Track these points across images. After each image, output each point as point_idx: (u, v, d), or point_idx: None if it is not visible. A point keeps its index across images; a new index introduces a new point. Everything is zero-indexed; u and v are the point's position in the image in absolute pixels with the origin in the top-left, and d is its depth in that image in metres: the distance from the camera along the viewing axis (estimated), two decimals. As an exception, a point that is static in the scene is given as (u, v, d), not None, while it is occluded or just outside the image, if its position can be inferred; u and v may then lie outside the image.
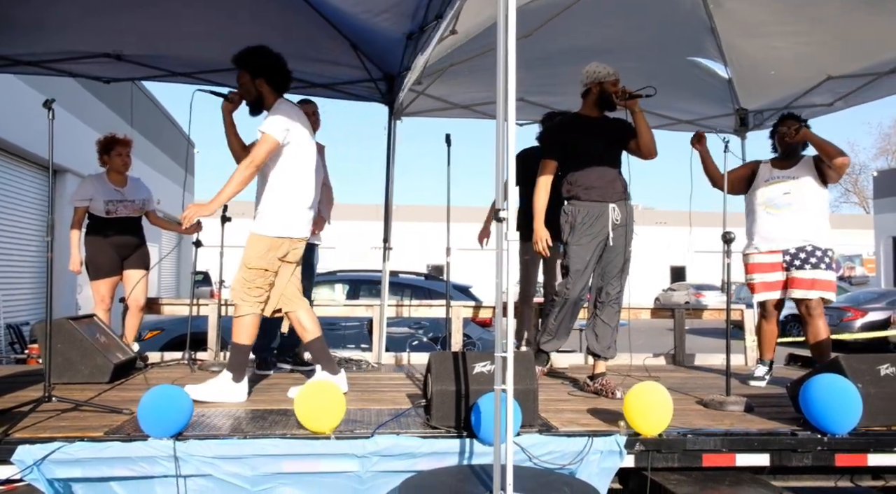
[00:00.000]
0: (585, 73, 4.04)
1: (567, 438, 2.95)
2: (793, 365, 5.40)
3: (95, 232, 4.80)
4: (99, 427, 2.89)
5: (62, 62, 5.13)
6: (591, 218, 3.92)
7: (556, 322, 4.05)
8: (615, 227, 3.93)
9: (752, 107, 6.04)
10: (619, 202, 3.95)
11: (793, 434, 3.04)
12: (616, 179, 3.97)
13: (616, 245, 3.95)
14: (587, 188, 3.92)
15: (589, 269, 3.94)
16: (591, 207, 3.92)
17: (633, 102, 3.85)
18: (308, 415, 2.86)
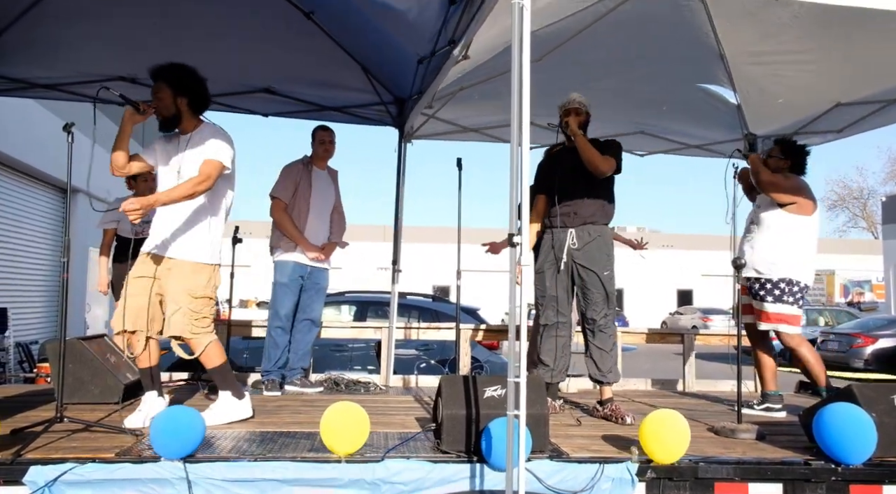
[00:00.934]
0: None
1: (578, 464, 2.93)
2: (803, 393, 5.36)
3: (123, 253, 4.90)
4: (110, 448, 2.89)
5: (78, 85, 5.22)
6: (546, 245, 4.07)
7: (543, 351, 4.08)
8: (574, 251, 4.00)
9: (762, 133, 6.07)
10: (581, 226, 4.02)
11: (806, 463, 3.01)
12: (581, 205, 4.02)
13: (583, 270, 4.00)
14: (552, 216, 4.07)
15: (557, 296, 4.02)
16: (551, 233, 4.07)
17: (570, 129, 4.03)
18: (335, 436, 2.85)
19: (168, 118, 3.60)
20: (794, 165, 4.43)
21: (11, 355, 8.21)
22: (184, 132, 3.65)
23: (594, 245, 4.01)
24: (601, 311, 3.99)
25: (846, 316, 17.50)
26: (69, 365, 3.95)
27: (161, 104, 3.57)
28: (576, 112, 4.06)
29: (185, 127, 3.64)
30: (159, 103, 3.58)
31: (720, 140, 6.33)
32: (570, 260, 4.00)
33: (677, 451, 2.92)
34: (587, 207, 4.03)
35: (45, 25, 4.51)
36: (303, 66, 5.05)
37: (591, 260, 3.99)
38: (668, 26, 4.76)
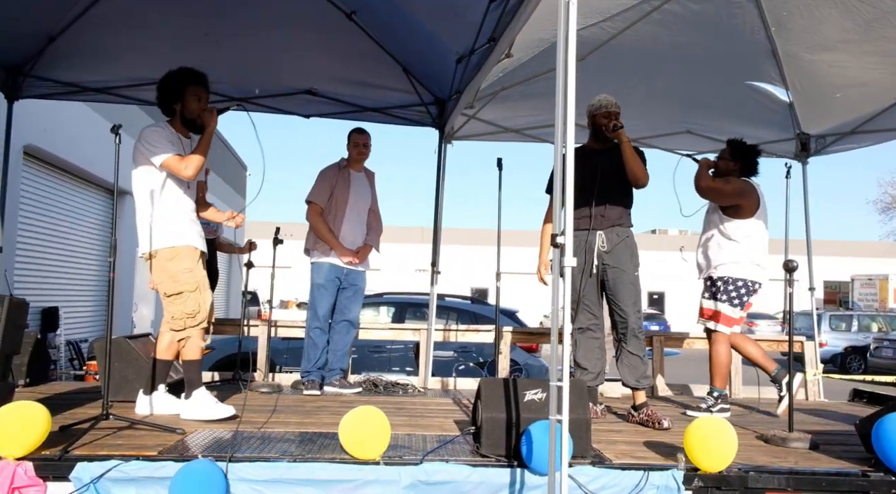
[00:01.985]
0: (588, 105, 4.10)
1: (621, 471, 2.86)
2: (858, 401, 5.14)
3: None
4: (153, 446, 2.92)
5: (126, 89, 5.33)
6: (579, 246, 3.94)
7: (581, 355, 3.98)
8: (602, 254, 3.93)
9: (815, 132, 5.86)
10: (610, 229, 3.95)
11: (864, 474, 2.87)
12: (611, 207, 3.97)
13: (614, 272, 3.93)
14: (579, 218, 3.95)
15: (587, 299, 3.95)
16: (579, 236, 3.92)
17: (619, 133, 3.90)
18: (353, 441, 2.83)
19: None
20: (744, 167, 4.39)
21: (62, 353, 8.46)
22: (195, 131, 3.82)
23: (622, 247, 3.97)
24: (632, 314, 3.94)
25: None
26: (115, 363, 4.03)
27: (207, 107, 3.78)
28: (616, 116, 3.99)
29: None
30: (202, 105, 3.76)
31: (771, 140, 6.13)
32: (599, 263, 3.95)
33: (724, 460, 2.81)
34: (615, 210, 3.99)
35: (95, 31, 4.63)
36: (344, 66, 5.07)
37: (620, 262, 3.95)
38: (715, 23, 4.63)
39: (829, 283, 31.14)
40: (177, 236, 3.65)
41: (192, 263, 3.65)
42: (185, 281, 3.61)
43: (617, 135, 3.91)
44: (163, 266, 3.62)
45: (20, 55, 4.88)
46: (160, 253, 3.63)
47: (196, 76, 3.77)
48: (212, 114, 3.73)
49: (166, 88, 3.75)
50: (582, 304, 3.97)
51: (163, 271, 3.63)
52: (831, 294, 31.55)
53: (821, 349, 16.40)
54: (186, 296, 3.61)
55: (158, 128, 3.71)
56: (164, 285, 3.64)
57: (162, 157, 3.59)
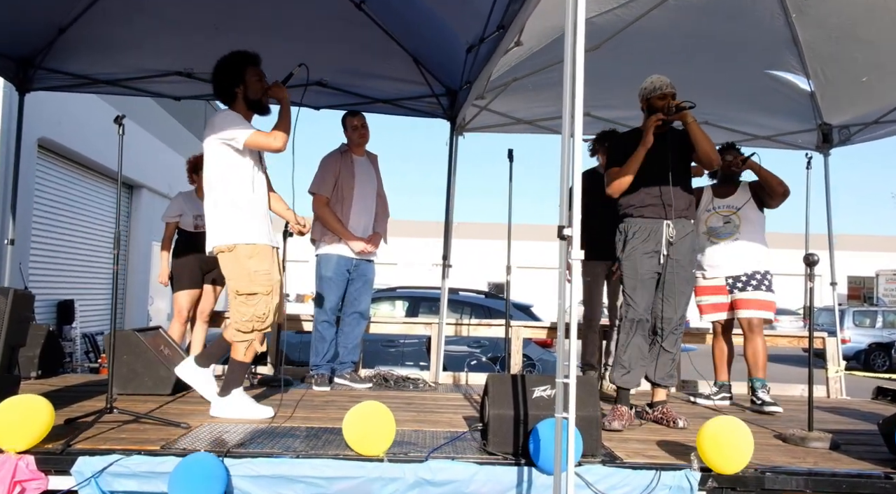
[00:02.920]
0: (640, 88, 3.91)
1: (632, 470, 2.77)
2: (882, 399, 4.99)
3: (183, 246, 5.00)
4: (157, 440, 2.89)
5: (137, 81, 5.32)
6: (643, 233, 3.72)
7: (624, 350, 3.68)
8: (670, 245, 3.70)
9: (837, 122, 5.70)
10: (678, 219, 3.73)
11: (887, 476, 2.76)
12: (676, 196, 3.72)
13: (674, 265, 3.71)
14: (641, 205, 3.75)
15: (646, 286, 3.70)
16: (643, 223, 3.73)
17: (684, 115, 3.67)
18: (357, 437, 2.77)
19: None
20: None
21: (78, 345, 8.54)
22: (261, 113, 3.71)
23: (687, 239, 3.77)
24: (679, 312, 3.75)
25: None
26: (124, 356, 4.02)
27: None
28: (673, 96, 3.75)
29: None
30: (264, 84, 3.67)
31: (791, 130, 5.98)
32: (665, 254, 3.72)
33: (739, 462, 2.71)
34: (682, 199, 3.77)
35: (105, 22, 4.62)
36: (354, 57, 5.01)
37: (681, 256, 3.74)
38: (733, 10, 4.51)
39: (854, 279, 30.56)
40: (257, 233, 3.48)
41: (270, 264, 3.49)
42: (262, 282, 3.44)
43: (681, 116, 3.67)
44: (241, 263, 3.43)
45: (30, 47, 4.89)
46: (240, 249, 3.44)
47: (253, 57, 3.64)
48: (280, 87, 3.62)
49: (224, 73, 3.60)
50: (639, 293, 3.69)
51: (240, 268, 3.44)
52: (855, 289, 30.97)
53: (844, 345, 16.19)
54: (259, 299, 3.43)
55: (228, 111, 3.56)
56: (239, 283, 3.45)
57: (245, 135, 3.40)
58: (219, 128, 3.45)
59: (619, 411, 3.60)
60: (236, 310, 3.48)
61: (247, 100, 3.60)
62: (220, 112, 3.59)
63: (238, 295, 3.46)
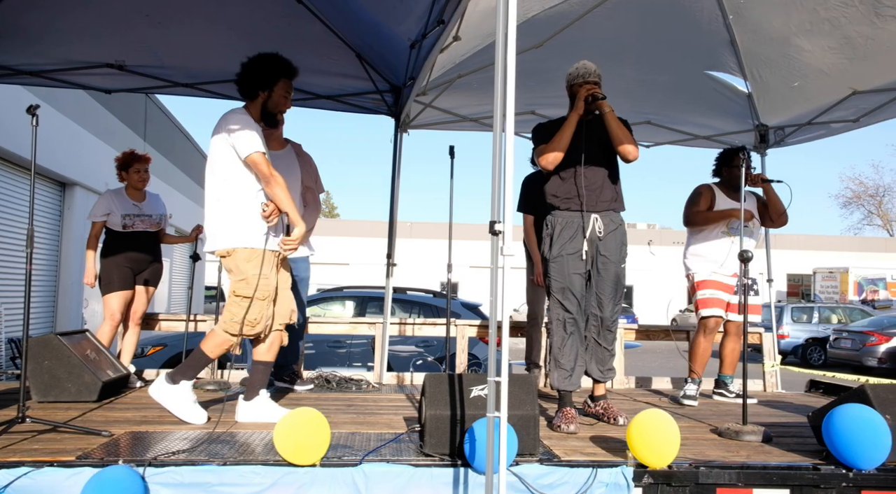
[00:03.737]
0: (567, 73, 3.79)
1: (569, 468, 2.76)
2: (814, 392, 5.14)
3: (111, 246, 4.76)
4: (73, 450, 2.73)
5: (64, 72, 5.07)
6: (570, 229, 3.61)
7: (562, 353, 3.57)
8: (598, 240, 3.61)
9: (773, 123, 5.83)
10: (605, 212, 3.64)
11: (815, 468, 2.81)
12: (603, 187, 3.63)
13: (603, 260, 3.62)
14: (567, 197, 3.63)
15: (576, 286, 3.58)
16: (571, 217, 3.62)
17: (600, 104, 3.59)
18: (289, 447, 2.64)
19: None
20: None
21: (3, 351, 8.11)
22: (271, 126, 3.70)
23: (617, 234, 3.67)
24: (613, 308, 3.68)
25: (860, 314, 17.17)
26: (45, 362, 3.82)
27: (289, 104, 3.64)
28: (596, 85, 3.66)
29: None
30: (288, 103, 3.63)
31: (730, 131, 6.10)
32: (592, 250, 3.62)
33: (667, 455, 2.72)
34: (609, 191, 3.64)
35: (32, 11, 4.37)
36: (295, 52, 4.80)
37: (612, 252, 3.64)
38: (674, 11, 4.55)
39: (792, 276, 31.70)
40: (257, 237, 3.39)
41: (268, 270, 3.40)
42: (258, 287, 3.34)
43: (598, 106, 3.58)
44: (239, 265, 3.36)
45: (-54, 37, 4.60)
46: (238, 253, 3.37)
47: (291, 71, 3.58)
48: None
49: (257, 71, 3.50)
50: (569, 293, 3.58)
51: (238, 270, 3.37)
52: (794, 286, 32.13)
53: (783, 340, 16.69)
54: (253, 303, 3.34)
55: (242, 115, 3.44)
56: (236, 284, 3.38)
57: (249, 150, 3.31)
58: (229, 129, 3.36)
59: (568, 414, 3.53)
60: (228, 309, 3.39)
61: (264, 108, 3.53)
62: (234, 111, 3.47)
63: (234, 296, 3.38)
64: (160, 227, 4.90)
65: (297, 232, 3.40)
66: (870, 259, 31.54)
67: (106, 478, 2.33)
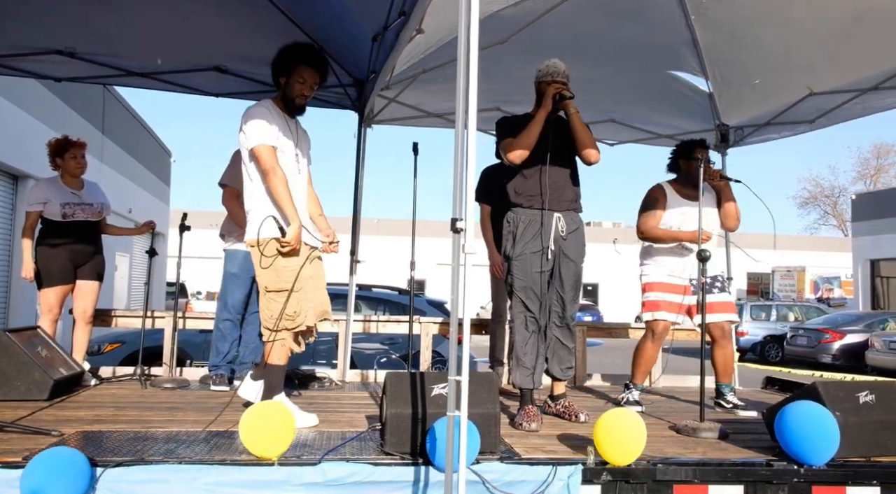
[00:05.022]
0: (536, 70, 3.79)
1: (530, 466, 2.76)
2: (770, 389, 5.25)
3: (49, 237, 4.54)
4: (20, 450, 2.64)
5: (10, 58, 4.87)
6: (533, 228, 3.61)
7: (524, 352, 3.57)
8: (561, 240, 3.63)
9: (733, 123, 5.94)
10: (567, 212, 3.67)
11: (768, 464, 2.86)
12: (565, 187, 3.66)
13: (564, 260, 3.65)
14: (530, 195, 3.64)
15: (537, 285, 3.59)
16: (533, 215, 3.62)
17: (566, 104, 3.61)
18: (254, 439, 2.62)
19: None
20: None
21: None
22: (293, 115, 3.60)
23: (577, 234, 3.71)
24: (571, 306, 3.71)
25: (816, 312, 17.67)
26: (-7, 358, 3.68)
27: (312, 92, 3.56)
28: (563, 85, 3.65)
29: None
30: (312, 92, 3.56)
31: (692, 130, 6.18)
32: (555, 248, 3.63)
33: (632, 452, 2.75)
34: (570, 192, 3.69)
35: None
36: (254, 43, 4.76)
37: (573, 251, 3.67)
38: (636, 10, 4.59)
39: (752, 275, 32.48)
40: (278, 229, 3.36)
41: (299, 261, 3.36)
42: (290, 279, 3.29)
43: (564, 106, 3.59)
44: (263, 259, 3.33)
45: None
46: (268, 245, 3.31)
47: (308, 57, 3.51)
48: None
49: (277, 59, 3.51)
50: (530, 291, 3.59)
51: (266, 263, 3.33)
52: (754, 285, 32.92)
53: (742, 338, 17.02)
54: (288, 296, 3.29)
55: (261, 106, 3.42)
56: (267, 279, 3.32)
57: (256, 142, 3.30)
58: (243, 120, 3.38)
59: (530, 412, 3.53)
60: (265, 308, 3.37)
61: (284, 95, 3.51)
62: (256, 104, 3.46)
63: (267, 292, 3.34)
64: (101, 216, 4.74)
65: (290, 231, 3.29)
66: (826, 258, 32.52)
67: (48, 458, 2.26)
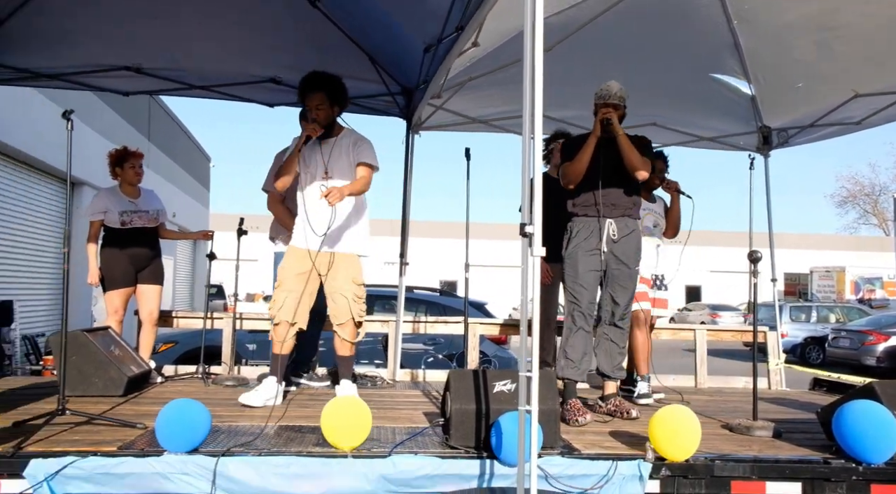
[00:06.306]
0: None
1: (590, 461, 2.86)
2: (818, 390, 5.26)
3: (111, 244, 4.79)
4: (112, 441, 2.83)
5: (82, 75, 5.14)
6: (585, 232, 3.92)
7: (569, 344, 3.83)
8: (612, 243, 3.88)
9: (776, 125, 5.96)
10: (620, 218, 3.92)
11: (826, 462, 2.92)
12: (619, 197, 3.94)
13: (616, 262, 3.89)
14: (586, 205, 3.95)
15: (587, 283, 3.86)
16: (586, 222, 3.93)
17: (613, 128, 3.86)
18: (334, 430, 2.78)
19: (327, 127, 3.89)
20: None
21: (18, 347, 8.20)
22: (328, 137, 3.93)
23: (630, 238, 3.94)
24: (623, 307, 3.92)
25: (857, 314, 17.34)
26: (73, 357, 3.90)
27: (323, 115, 3.87)
28: (615, 107, 3.93)
29: (331, 133, 3.96)
30: (321, 114, 3.86)
31: (734, 132, 6.21)
32: (607, 251, 3.89)
33: (689, 448, 2.83)
34: (625, 200, 3.96)
35: (48, 14, 4.45)
36: (308, 55, 4.96)
37: (625, 254, 3.91)
38: (679, 15, 4.66)
39: (790, 275, 31.91)
40: (294, 237, 4.01)
41: (287, 261, 3.94)
42: (279, 276, 3.93)
43: (611, 130, 3.85)
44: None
45: (-32, 40, 4.68)
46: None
47: (305, 86, 3.89)
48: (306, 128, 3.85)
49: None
50: (581, 290, 3.84)
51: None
52: (791, 285, 32.33)
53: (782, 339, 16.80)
54: (276, 291, 3.90)
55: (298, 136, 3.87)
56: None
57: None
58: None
59: (576, 405, 3.68)
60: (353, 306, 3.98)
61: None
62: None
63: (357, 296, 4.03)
64: (158, 222, 4.96)
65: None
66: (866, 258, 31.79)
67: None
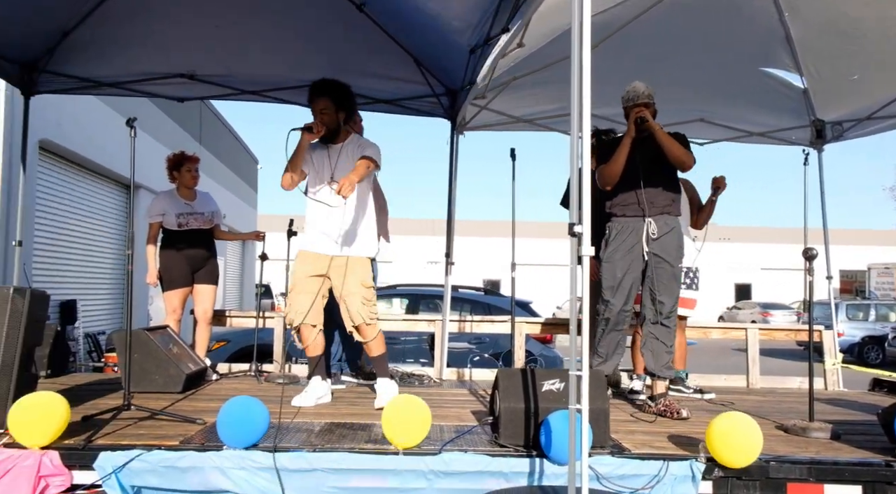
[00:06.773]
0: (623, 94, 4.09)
1: (640, 461, 2.85)
2: (878, 391, 5.10)
3: (169, 245, 4.98)
4: (175, 436, 2.95)
5: (140, 83, 5.35)
6: (625, 233, 3.93)
7: (600, 343, 3.96)
8: (651, 241, 3.88)
9: (830, 118, 5.79)
10: (659, 216, 3.92)
11: (888, 464, 2.84)
12: (659, 194, 3.93)
13: (657, 260, 3.89)
14: (624, 205, 3.96)
15: (624, 285, 3.89)
16: (625, 222, 3.95)
17: (649, 125, 3.86)
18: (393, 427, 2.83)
19: (331, 131, 3.91)
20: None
21: (81, 345, 8.55)
22: (334, 142, 3.95)
23: (671, 236, 3.94)
24: (668, 305, 3.90)
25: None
26: (134, 355, 4.05)
27: (327, 119, 3.88)
28: (645, 106, 3.95)
29: (337, 138, 3.97)
30: (325, 118, 3.88)
31: (786, 127, 6.06)
32: (647, 250, 3.90)
33: (748, 457, 2.77)
34: (664, 197, 3.95)
35: (107, 25, 4.65)
36: (355, 58, 5.05)
37: (666, 252, 3.91)
38: (728, 9, 4.58)
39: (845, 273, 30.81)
40: (306, 241, 4.00)
41: (299, 266, 3.95)
42: (291, 281, 3.96)
43: (646, 127, 3.87)
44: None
45: (35, 51, 4.91)
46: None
47: (316, 92, 3.89)
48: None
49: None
50: (620, 291, 3.90)
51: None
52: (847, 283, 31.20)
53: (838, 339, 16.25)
54: (290, 295, 3.93)
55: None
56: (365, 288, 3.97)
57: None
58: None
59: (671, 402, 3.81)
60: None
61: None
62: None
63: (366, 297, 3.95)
64: (213, 224, 5.12)
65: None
66: (926, 254, 30.50)
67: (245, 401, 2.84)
